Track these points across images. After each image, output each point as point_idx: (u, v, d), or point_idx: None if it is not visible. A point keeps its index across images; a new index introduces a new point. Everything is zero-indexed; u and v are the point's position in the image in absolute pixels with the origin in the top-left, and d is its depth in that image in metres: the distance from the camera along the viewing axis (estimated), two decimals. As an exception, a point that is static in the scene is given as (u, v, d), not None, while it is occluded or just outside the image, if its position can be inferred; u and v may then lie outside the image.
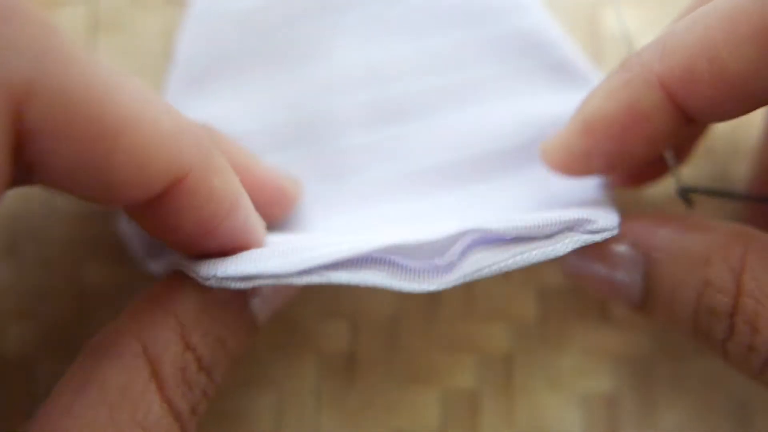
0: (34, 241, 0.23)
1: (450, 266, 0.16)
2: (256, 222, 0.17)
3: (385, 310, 0.23)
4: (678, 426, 0.22)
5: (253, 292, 0.17)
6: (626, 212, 0.19)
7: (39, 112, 0.12)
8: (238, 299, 0.17)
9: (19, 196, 0.23)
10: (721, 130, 0.24)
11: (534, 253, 0.16)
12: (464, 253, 0.16)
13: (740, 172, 0.23)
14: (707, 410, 0.22)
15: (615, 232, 0.17)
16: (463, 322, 0.23)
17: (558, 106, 0.22)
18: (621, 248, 0.18)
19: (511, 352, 0.22)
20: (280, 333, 0.23)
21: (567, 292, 0.23)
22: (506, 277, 0.23)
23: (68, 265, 0.23)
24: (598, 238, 0.16)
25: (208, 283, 0.16)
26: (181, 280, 0.17)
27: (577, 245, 0.16)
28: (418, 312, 0.23)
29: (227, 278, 0.15)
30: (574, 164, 0.19)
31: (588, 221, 0.16)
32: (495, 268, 0.16)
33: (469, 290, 0.23)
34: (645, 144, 0.17)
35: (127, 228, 0.22)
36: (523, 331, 0.22)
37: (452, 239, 0.16)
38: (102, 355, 0.15)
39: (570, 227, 0.16)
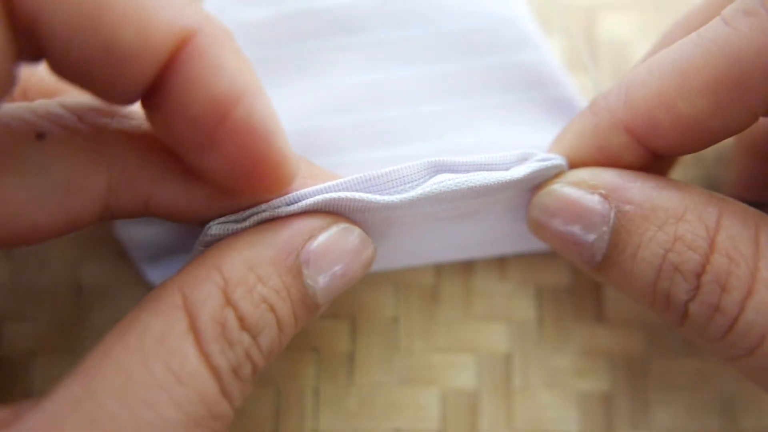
0: (32, 241, 0.23)
1: (414, 188, 0.18)
2: (279, 128, 0.15)
3: (385, 311, 0.23)
4: (670, 423, 0.22)
5: (305, 258, 0.17)
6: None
7: None
8: (288, 263, 0.17)
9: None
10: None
11: (494, 174, 0.18)
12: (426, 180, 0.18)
13: (728, 178, 0.24)
14: (696, 408, 0.22)
15: (562, 162, 0.19)
16: (462, 323, 0.23)
17: (551, 139, 0.23)
18: (593, 198, 0.18)
19: (509, 352, 0.23)
20: (280, 333, 0.23)
21: (564, 293, 0.23)
22: (504, 277, 0.23)
23: (66, 265, 0.23)
24: (548, 164, 0.19)
25: (209, 231, 0.17)
26: (231, 240, 0.17)
27: (528, 170, 0.19)
28: (418, 312, 0.23)
29: (226, 222, 0.17)
30: None
31: (536, 154, 0.19)
32: (457, 182, 0.18)
33: (468, 291, 0.23)
34: None
35: (126, 233, 0.22)
36: (521, 331, 0.23)
37: (418, 171, 0.18)
38: (145, 306, 0.15)
39: (523, 159, 0.19)
